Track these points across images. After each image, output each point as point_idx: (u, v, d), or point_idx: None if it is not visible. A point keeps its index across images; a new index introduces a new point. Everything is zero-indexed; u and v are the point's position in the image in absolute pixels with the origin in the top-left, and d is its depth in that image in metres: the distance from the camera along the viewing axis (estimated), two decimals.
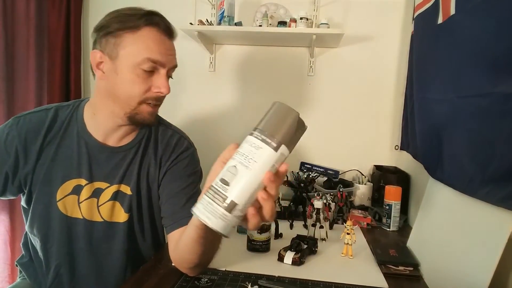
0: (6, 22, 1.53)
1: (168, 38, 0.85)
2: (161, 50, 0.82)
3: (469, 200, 0.80)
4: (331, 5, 1.59)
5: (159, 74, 0.83)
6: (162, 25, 0.83)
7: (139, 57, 0.79)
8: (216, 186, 0.49)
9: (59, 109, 0.90)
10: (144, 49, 0.80)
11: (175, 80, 1.72)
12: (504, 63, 0.69)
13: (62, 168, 0.87)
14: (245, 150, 0.49)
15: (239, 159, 0.49)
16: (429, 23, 1.10)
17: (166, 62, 0.83)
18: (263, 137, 0.49)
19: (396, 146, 1.58)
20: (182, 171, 0.92)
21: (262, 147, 0.48)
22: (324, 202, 1.10)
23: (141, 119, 0.85)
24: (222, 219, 0.48)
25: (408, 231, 1.11)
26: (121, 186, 0.89)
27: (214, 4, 1.61)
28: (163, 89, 0.83)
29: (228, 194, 0.48)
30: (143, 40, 0.80)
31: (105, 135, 0.89)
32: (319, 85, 1.65)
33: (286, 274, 0.84)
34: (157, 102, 0.86)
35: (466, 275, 0.75)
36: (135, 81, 0.80)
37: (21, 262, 0.99)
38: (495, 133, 0.71)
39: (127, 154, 0.90)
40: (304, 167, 1.60)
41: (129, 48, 0.79)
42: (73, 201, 0.87)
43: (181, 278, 0.80)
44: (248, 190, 0.48)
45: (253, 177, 0.48)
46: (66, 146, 0.87)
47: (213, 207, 0.48)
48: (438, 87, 1.01)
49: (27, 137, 0.85)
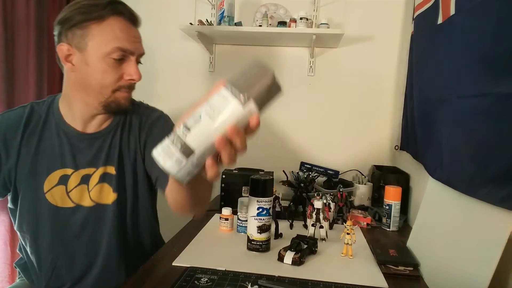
0: (6, 22, 1.52)
1: (133, 25, 0.87)
2: (129, 39, 0.84)
3: (469, 200, 0.80)
4: (331, 5, 1.60)
5: (129, 62, 0.85)
6: (126, 13, 0.85)
7: (109, 46, 0.81)
8: (178, 130, 0.48)
9: (34, 105, 0.92)
10: (112, 38, 0.81)
11: (175, 80, 1.73)
12: (504, 63, 0.69)
13: (46, 160, 0.89)
14: (213, 100, 0.48)
15: (206, 108, 0.48)
16: (429, 23, 1.10)
17: (135, 49, 0.85)
18: (234, 89, 0.47)
19: (396, 146, 1.58)
20: (159, 135, 0.92)
21: (229, 99, 0.47)
22: (324, 202, 1.10)
23: (117, 106, 0.87)
24: (177, 163, 0.47)
25: (408, 231, 1.11)
26: (106, 168, 0.92)
27: (214, 4, 1.61)
28: (134, 76, 0.85)
29: (186, 139, 0.47)
30: (110, 30, 0.81)
31: (83, 124, 0.91)
32: (319, 85, 1.65)
33: (286, 274, 0.84)
34: (131, 88, 0.89)
35: (466, 275, 0.75)
36: (106, 71, 0.83)
37: (19, 264, 1.00)
38: (495, 133, 0.71)
39: (107, 137, 0.93)
40: (304, 167, 1.60)
41: (98, 39, 0.81)
42: (61, 191, 0.89)
43: (181, 278, 0.80)
44: (207, 140, 0.47)
45: (214, 127, 0.47)
46: (46, 139, 0.89)
47: (170, 150, 0.47)
48: (438, 87, 1.01)
49: (7, 134, 0.88)
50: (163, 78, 1.74)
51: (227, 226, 1.12)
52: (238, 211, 1.13)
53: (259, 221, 0.95)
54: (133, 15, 0.87)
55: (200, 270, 0.84)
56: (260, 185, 0.95)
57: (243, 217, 1.09)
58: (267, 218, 0.95)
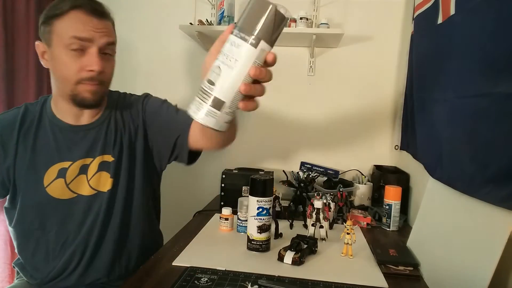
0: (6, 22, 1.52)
1: (96, 17, 0.86)
2: (86, 28, 0.84)
3: (469, 200, 0.80)
4: (331, 5, 1.59)
5: (89, 53, 0.85)
6: (88, 6, 0.85)
7: (66, 37, 0.83)
8: (204, 86, 0.51)
9: (28, 105, 0.96)
10: (70, 29, 0.83)
11: (176, 79, 1.73)
12: (504, 63, 0.69)
13: (43, 156, 0.91)
14: (226, 49, 0.50)
15: (222, 58, 0.50)
16: (429, 23, 1.10)
17: (94, 38, 0.84)
18: (242, 34, 0.49)
19: (396, 146, 1.58)
20: (154, 107, 1.02)
21: (241, 44, 0.49)
22: (324, 202, 1.10)
23: (82, 99, 0.87)
24: (212, 116, 0.51)
25: (408, 231, 1.11)
26: (104, 157, 0.95)
27: (214, 4, 1.61)
28: (94, 66, 0.84)
29: (214, 93, 0.50)
30: (69, 22, 0.83)
31: (75, 117, 0.94)
32: (319, 85, 1.65)
33: (286, 274, 0.84)
34: (94, 81, 0.87)
35: (466, 275, 0.75)
36: (66, 63, 0.84)
37: (17, 263, 1.00)
38: (495, 133, 0.71)
39: (101, 127, 0.96)
40: (304, 167, 1.60)
41: (58, 32, 0.84)
42: (61, 184, 0.91)
43: (181, 278, 0.80)
44: (233, 88, 0.50)
45: (236, 75, 0.50)
46: (42, 136, 0.92)
47: (203, 106, 0.50)
48: (438, 87, 1.01)
49: (3, 134, 0.91)
50: (163, 78, 1.74)
51: (227, 226, 1.12)
52: (238, 211, 1.13)
53: (259, 221, 0.95)
54: (94, 7, 0.86)
55: (200, 270, 0.84)
56: (260, 185, 0.95)
57: (243, 217, 1.09)
58: (267, 218, 0.96)
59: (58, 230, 0.92)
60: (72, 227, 0.93)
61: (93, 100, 0.89)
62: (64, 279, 0.93)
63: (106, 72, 0.89)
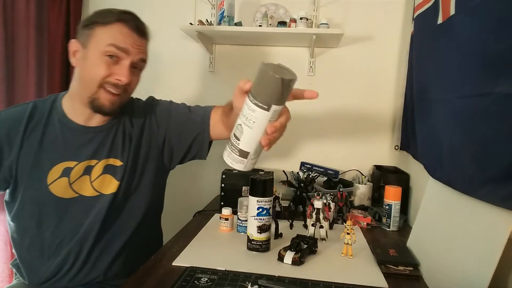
0: (6, 22, 1.52)
1: (137, 34, 0.91)
2: (126, 40, 0.88)
3: (469, 200, 0.80)
4: (331, 5, 1.59)
5: (122, 64, 0.89)
6: (132, 23, 0.90)
7: (105, 43, 0.87)
8: (232, 140, 0.65)
9: (37, 102, 0.97)
10: (110, 37, 0.87)
11: (175, 79, 1.73)
12: (504, 63, 0.69)
13: (49, 153, 0.92)
14: (245, 112, 0.62)
15: (243, 119, 0.62)
16: (429, 23, 1.10)
17: (130, 51, 0.89)
18: (255, 101, 0.60)
19: (396, 146, 1.58)
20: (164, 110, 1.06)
21: (256, 110, 0.61)
22: (324, 202, 1.10)
23: (100, 105, 0.90)
24: (241, 163, 0.65)
25: (408, 231, 1.11)
26: (109, 160, 0.96)
27: (214, 4, 1.61)
28: (122, 77, 0.89)
29: (240, 146, 0.64)
30: (110, 32, 0.88)
31: (85, 119, 0.95)
32: (319, 85, 1.65)
33: (286, 274, 0.84)
34: (116, 90, 0.90)
35: (466, 275, 0.75)
36: (98, 65, 0.87)
37: (14, 264, 1.01)
38: (495, 133, 0.71)
39: (110, 131, 0.98)
40: (304, 167, 1.60)
41: (98, 37, 0.88)
42: (64, 183, 0.92)
43: (181, 278, 0.80)
44: (255, 141, 0.63)
45: (256, 132, 0.62)
46: (50, 134, 0.93)
47: (233, 155, 0.65)
48: (438, 87, 1.01)
49: (10, 127, 0.92)
50: (163, 78, 1.74)
51: (227, 226, 1.12)
52: (238, 211, 1.13)
53: (259, 221, 0.95)
54: (138, 25, 0.91)
55: (200, 270, 0.84)
56: (260, 185, 0.95)
57: (243, 217, 1.09)
58: (267, 218, 0.95)
59: (54, 228, 0.93)
60: (70, 227, 0.93)
61: (110, 110, 0.92)
62: (59, 279, 0.93)
63: (131, 85, 0.93)
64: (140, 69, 0.95)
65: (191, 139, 1.04)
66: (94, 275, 0.95)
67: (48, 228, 0.93)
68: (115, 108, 0.93)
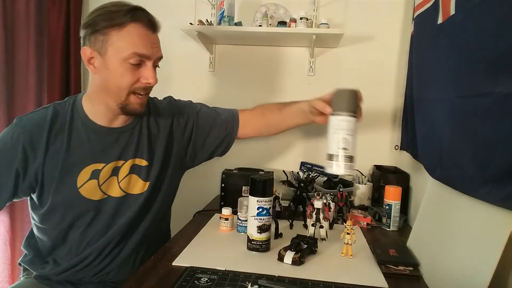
0: (6, 22, 1.53)
1: (152, 31, 0.91)
2: (146, 44, 0.88)
3: (469, 200, 0.80)
4: (331, 5, 1.59)
5: (146, 67, 0.90)
6: (145, 20, 0.89)
7: (126, 52, 0.86)
8: (342, 152, 0.83)
9: (56, 105, 0.96)
10: (130, 44, 0.86)
11: (175, 79, 1.73)
12: (504, 63, 0.69)
13: (77, 157, 0.93)
14: (342, 125, 0.84)
15: (346, 132, 0.84)
16: (429, 23, 1.10)
17: (151, 54, 0.90)
18: (350, 114, 0.85)
19: (396, 146, 1.58)
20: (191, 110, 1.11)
21: (351, 120, 0.85)
22: (324, 202, 1.10)
23: (132, 110, 0.93)
24: (350, 168, 0.84)
25: (408, 231, 1.11)
26: (135, 160, 0.98)
27: (214, 4, 1.61)
28: (150, 80, 0.90)
29: (352, 153, 0.84)
30: (129, 36, 0.86)
31: (108, 121, 0.96)
32: (319, 85, 1.65)
33: (286, 274, 0.84)
34: (145, 92, 0.93)
35: (466, 275, 0.75)
36: (124, 74, 0.87)
37: (24, 260, 1.01)
38: (495, 133, 0.71)
39: (134, 130, 0.99)
40: (304, 167, 1.60)
41: (117, 45, 0.86)
42: (94, 185, 0.94)
43: (181, 278, 0.80)
44: (356, 145, 0.85)
45: (356, 138, 0.85)
46: (75, 137, 0.93)
47: (349, 164, 0.84)
48: (438, 87, 1.01)
49: (32, 133, 0.90)
50: (163, 78, 1.71)
51: (227, 226, 1.12)
52: (238, 211, 1.13)
53: (259, 221, 0.95)
54: (151, 21, 0.91)
55: (200, 270, 0.84)
56: (260, 185, 0.95)
57: (243, 217, 1.09)
58: (267, 218, 0.96)
59: (84, 229, 0.95)
60: (99, 228, 0.95)
61: (141, 112, 0.95)
62: (76, 272, 0.95)
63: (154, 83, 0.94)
64: (158, 66, 0.96)
65: (220, 139, 1.10)
66: (110, 272, 0.98)
67: (79, 229, 0.94)
68: (145, 108, 0.97)
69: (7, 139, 0.90)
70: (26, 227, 1.06)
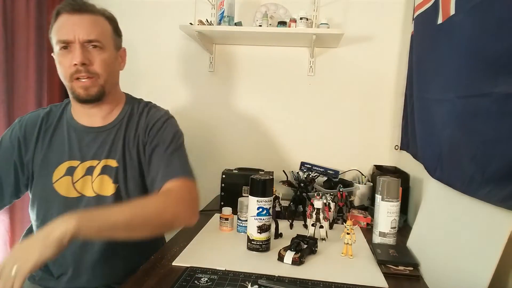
0: (6, 22, 1.52)
1: (76, 14, 0.90)
2: (67, 29, 0.89)
3: (469, 200, 0.80)
4: (331, 5, 1.60)
5: (73, 50, 0.89)
6: (67, 8, 0.90)
7: (55, 44, 0.91)
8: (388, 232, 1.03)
9: (52, 107, 1.04)
10: (56, 35, 0.90)
11: (176, 79, 1.74)
12: (504, 63, 0.69)
13: (56, 153, 0.96)
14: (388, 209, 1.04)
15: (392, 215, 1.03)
16: (429, 23, 1.10)
17: (73, 37, 0.89)
18: (390, 199, 1.04)
19: (396, 146, 1.58)
20: (160, 136, 0.99)
21: (396, 204, 1.04)
22: (324, 202, 1.10)
23: (77, 94, 0.93)
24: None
25: (408, 231, 1.11)
26: (108, 161, 0.97)
27: (214, 4, 1.61)
28: (75, 60, 0.89)
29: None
30: (56, 29, 0.91)
31: (88, 119, 0.99)
32: (319, 85, 1.65)
33: (286, 274, 0.84)
34: (82, 74, 0.90)
35: (466, 275, 0.75)
36: (59, 63, 0.92)
37: None
38: (495, 133, 0.71)
39: (112, 131, 0.99)
40: (304, 167, 1.60)
41: (52, 41, 0.92)
42: (67, 182, 0.94)
43: (181, 278, 0.80)
44: None
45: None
46: (58, 134, 0.98)
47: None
48: (438, 87, 1.01)
49: (27, 129, 0.98)
50: (163, 78, 1.74)
51: (227, 226, 1.12)
52: (238, 211, 1.13)
53: (259, 221, 0.95)
54: (73, 6, 0.90)
55: (200, 270, 0.84)
56: (260, 185, 0.95)
57: (243, 217, 1.09)
58: (267, 218, 0.96)
59: None
60: None
61: (87, 95, 0.92)
62: (56, 279, 0.93)
63: (95, 64, 0.91)
64: (100, 47, 0.91)
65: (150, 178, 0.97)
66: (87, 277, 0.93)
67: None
68: (94, 93, 0.92)
69: (7, 137, 0.98)
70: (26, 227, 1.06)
